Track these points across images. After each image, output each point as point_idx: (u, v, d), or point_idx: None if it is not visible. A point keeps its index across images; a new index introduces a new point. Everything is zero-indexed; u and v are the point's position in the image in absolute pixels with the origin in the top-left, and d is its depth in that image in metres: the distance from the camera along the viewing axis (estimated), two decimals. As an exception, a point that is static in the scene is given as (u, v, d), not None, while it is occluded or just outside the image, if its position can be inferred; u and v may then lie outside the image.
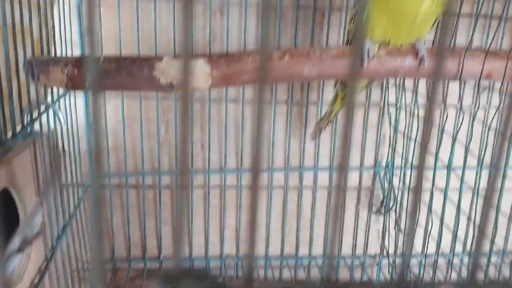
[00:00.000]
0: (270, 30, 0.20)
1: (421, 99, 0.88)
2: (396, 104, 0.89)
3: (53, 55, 0.65)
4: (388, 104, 0.91)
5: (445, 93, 0.82)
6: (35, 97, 0.59)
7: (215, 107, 0.89)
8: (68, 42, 0.73)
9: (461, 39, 0.86)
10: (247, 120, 0.91)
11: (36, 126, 0.60)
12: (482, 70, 0.60)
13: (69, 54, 0.72)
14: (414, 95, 0.86)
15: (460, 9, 0.81)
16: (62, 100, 0.72)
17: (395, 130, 0.90)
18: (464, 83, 0.82)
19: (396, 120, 0.89)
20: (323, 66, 0.61)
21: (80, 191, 0.82)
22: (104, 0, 0.81)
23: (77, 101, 0.78)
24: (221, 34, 0.85)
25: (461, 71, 0.62)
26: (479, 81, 0.63)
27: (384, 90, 0.91)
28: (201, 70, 0.60)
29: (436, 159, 0.81)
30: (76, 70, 0.58)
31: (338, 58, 0.61)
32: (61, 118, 0.63)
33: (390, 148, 0.92)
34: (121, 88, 0.63)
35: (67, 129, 0.72)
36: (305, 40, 0.87)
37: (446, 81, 0.79)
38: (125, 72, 0.59)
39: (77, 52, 0.76)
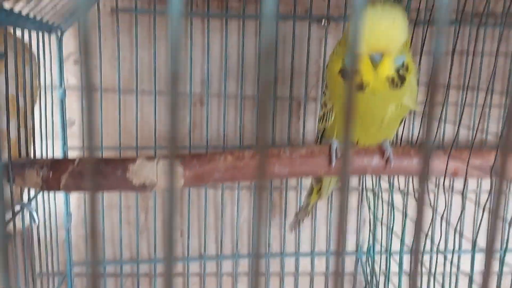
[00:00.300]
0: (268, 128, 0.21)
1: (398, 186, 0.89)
2: (372, 190, 0.90)
3: (32, 155, 0.67)
4: (366, 189, 0.92)
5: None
6: (10, 198, 0.60)
7: (194, 193, 0.90)
8: (49, 138, 0.75)
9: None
10: (227, 206, 0.92)
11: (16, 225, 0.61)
12: (446, 169, 0.62)
13: (49, 151, 0.74)
14: (391, 183, 0.87)
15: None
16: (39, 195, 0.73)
17: (374, 215, 0.90)
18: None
19: (375, 206, 0.90)
20: (293, 165, 0.63)
21: (57, 280, 0.81)
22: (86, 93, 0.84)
23: (56, 193, 0.79)
24: (201, 124, 0.88)
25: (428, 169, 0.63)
26: (444, 180, 0.64)
27: (361, 176, 0.93)
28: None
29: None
30: (51, 172, 0.60)
31: (308, 157, 0.63)
32: (36, 218, 0.63)
33: (371, 234, 0.92)
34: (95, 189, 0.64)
35: (44, 221, 0.72)
36: (283, 128, 0.90)
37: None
38: (99, 174, 0.60)
39: (58, 149, 0.78)
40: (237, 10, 0.85)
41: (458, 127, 0.69)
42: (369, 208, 0.92)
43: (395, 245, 0.82)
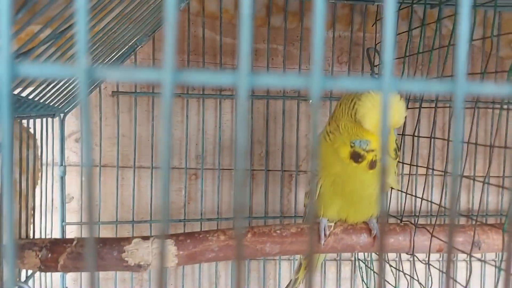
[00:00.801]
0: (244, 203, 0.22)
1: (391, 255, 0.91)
2: (364, 262, 0.91)
3: (31, 234, 0.69)
4: (358, 259, 0.94)
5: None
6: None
7: (188, 265, 0.91)
8: (48, 214, 0.78)
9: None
10: (221, 278, 0.93)
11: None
12: (430, 246, 0.65)
13: (48, 227, 0.77)
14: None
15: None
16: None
17: (367, 286, 0.91)
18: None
19: (368, 277, 0.91)
20: (284, 244, 0.66)
21: None
22: (86, 169, 0.87)
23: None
24: (196, 196, 0.91)
25: (413, 247, 0.66)
26: (428, 256, 0.66)
27: (353, 245, 0.95)
28: (168, 251, 0.64)
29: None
30: (49, 254, 0.62)
31: (298, 235, 0.66)
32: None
33: (365, 304, 0.93)
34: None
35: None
36: (275, 199, 0.93)
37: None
38: (97, 255, 0.62)
39: (56, 224, 0.81)
40: (230, 91, 0.91)
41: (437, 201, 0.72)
42: (362, 279, 0.93)
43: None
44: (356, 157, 0.61)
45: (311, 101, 0.72)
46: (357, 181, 0.63)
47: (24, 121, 0.67)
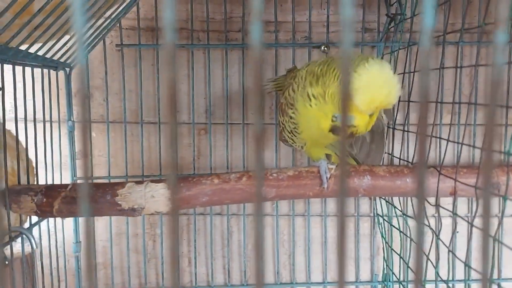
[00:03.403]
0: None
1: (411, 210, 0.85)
2: (383, 217, 0.86)
3: (35, 183, 0.70)
4: (377, 215, 0.89)
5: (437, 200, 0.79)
6: (10, 224, 0.63)
7: (201, 221, 0.90)
8: (59, 170, 0.79)
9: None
10: (234, 234, 0.91)
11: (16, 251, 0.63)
12: (438, 185, 0.59)
13: (58, 183, 0.78)
14: (404, 206, 0.84)
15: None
16: (45, 220, 0.76)
17: (387, 243, 0.86)
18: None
19: (390, 233, 0.86)
20: (280, 188, 0.62)
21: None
22: (96, 125, 0.88)
23: (65, 221, 0.82)
24: (205, 151, 0.89)
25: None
26: (436, 197, 0.61)
27: (372, 200, 0.90)
28: (161, 194, 0.62)
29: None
30: (44, 199, 0.62)
31: (294, 179, 0.62)
32: (34, 244, 0.66)
33: (385, 262, 0.88)
34: (85, 213, 0.67)
35: (50, 247, 0.75)
36: (287, 154, 0.90)
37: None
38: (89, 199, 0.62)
39: (67, 180, 0.82)
40: (236, 40, 0.87)
41: (461, 147, 0.65)
42: (382, 235, 0.88)
43: (411, 273, 0.78)
44: (336, 131, 0.56)
45: (323, 47, 0.67)
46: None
47: (22, 68, 0.67)
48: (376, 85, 0.51)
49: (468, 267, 0.59)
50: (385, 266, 0.88)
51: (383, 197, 0.84)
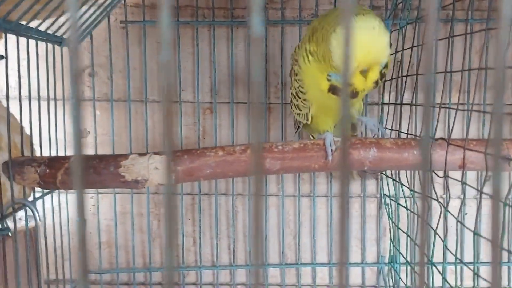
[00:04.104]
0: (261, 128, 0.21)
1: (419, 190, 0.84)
2: (390, 197, 0.85)
3: (38, 154, 0.70)
4: (384, 195, 0.88)
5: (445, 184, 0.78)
6: (14, 196, 0.63)
7: (206, 201, 0.90)
8: (63, 148, 0.79)
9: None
10: (239, 214, 0.90)
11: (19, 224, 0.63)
12: (446, 156, 0.58)
13: (60, 153, 0.77)
14: (412, 185, 0.82)
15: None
16: (49, 197, 0.76)
17: (394, 223, 0.85)
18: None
19: (397, 213, 0.84)
20: (285, 160, 0.61)
21: (69, 288, 0.82)
22: (100, 104, 0.87)
23: (69, 198, 0.82)
24: (211, 130, 0.89)
25: (430, 161, 0.59)
26: (445, 169, 0.59)
27: (379, 181, 0.89)
28: (163, 167, 0.62)
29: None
30: (47, 170, 0.62)
31: (300, 151, 0.61)
32: (37, 217, 0.66)
33: (392, 244, 0.87)
34: (88, 186, 0.66)
35: (54, 225, 0.75)
36: (293, 133, 0.88)
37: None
38: (92, 171, 0.61)
39: (71, 152, 0.82)
40: (242, 17, 0.86)
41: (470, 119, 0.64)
42: (389, 216, 0.87)
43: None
44: (335, 90, 0.56)
45: None
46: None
47: (26, 41, 0.67)
48: (367, 40, 0.50)
49: (478, 236, 0.58)
50: (391, 247, 0.87)
51: (390, 176, 0.83)
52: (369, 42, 0.51)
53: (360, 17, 0.51)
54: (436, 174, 0.60)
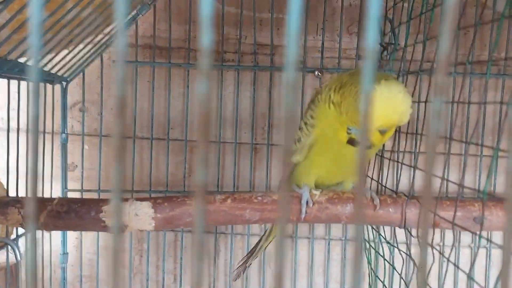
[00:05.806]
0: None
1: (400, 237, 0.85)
2: (369, 243, 0.86)
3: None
4: (365, 240, 0.89)
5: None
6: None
7: (188, 238, 0.90)
8: (51, 181, 0.80)
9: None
10: (221, 253, 0.91)
11: None
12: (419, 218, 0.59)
13: (47, 193, 0.79)
14: (393, 233, 0.84)
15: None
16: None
17: (372, 270, 0.86)
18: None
19: (376, 260, 0.85)
20: (265, 211, 0.63)
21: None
22: (89, 139, 0.89)
23: (53, 233, 0.82)
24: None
25: (405, 220, 0.61)
26: (417, 230, 0.61)
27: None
28: (145, 213, 0.63)
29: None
30: (30, 211, 0.63)
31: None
32: (18, 254, 0.66)
33: (370, 289, 0.88)
34: (70, 228, 0.67)
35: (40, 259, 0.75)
36: (279, 174, 0.90)
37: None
38: (74, 214, 0.63)
39: (59, 195, 0.83)
40: (233, 61, 0.89)
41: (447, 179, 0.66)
42: (368, 262, 0.88)
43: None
44: (353, 142, 0.59)
45: (317, 73, 0.69)
46: (349, 151, 0.60)
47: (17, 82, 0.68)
48: (391, 104, 0.53)
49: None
50: (370, 294, 0.88)
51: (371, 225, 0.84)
52: (395, 106, 0.53)
53: (388, 81, 0.54)
54: (410, 233, 0.61)
